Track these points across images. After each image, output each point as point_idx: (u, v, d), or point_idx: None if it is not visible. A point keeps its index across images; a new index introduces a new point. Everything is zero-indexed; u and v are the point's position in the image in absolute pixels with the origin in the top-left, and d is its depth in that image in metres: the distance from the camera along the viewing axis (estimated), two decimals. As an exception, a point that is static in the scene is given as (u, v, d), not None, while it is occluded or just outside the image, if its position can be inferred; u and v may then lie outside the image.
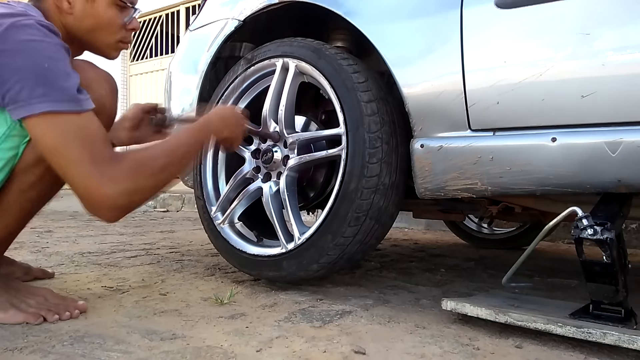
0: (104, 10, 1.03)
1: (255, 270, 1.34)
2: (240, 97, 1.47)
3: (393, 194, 1.20)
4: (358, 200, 1.15)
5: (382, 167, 1.15)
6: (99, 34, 1.05)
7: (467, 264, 1.93)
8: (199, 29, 1.66)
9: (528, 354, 0.86)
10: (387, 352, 0.85)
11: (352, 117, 1.17)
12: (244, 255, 1.35)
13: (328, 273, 1.30)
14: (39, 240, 2.26)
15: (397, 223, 3.42)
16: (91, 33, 1.04)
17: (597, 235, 0.90)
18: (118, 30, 1.07)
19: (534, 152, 0.97)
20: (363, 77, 1.21)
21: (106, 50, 1.09)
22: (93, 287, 1.30)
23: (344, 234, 1.17)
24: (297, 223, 1.26)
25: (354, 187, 1.15)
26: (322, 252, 1.20)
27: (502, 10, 1.01)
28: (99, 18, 1.03)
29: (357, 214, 1.16)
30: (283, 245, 1.27)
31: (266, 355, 0.83)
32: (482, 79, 1.03)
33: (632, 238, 2.58)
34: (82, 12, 1.01)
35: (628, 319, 0.90)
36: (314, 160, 1.30)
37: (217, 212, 1.44)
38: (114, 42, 1.08)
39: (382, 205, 1.18)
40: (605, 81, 0.90)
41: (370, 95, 1.18)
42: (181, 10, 6.41)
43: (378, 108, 1.17)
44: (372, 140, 1.15)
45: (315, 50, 1.27)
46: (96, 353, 0.82)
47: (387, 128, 1.17)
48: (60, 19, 1.01)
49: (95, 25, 1.03)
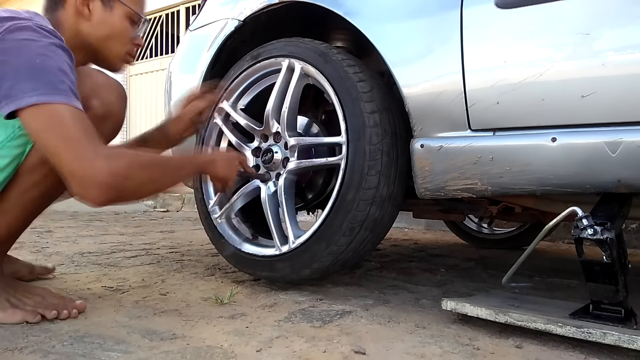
0: (120, 20, 1.08)
1: (250, 269, 1.35)
2: (243, 92, 1.47)
3: (389, 206, 1.20)
4: (354, 211, 1.15)
5: (380, 180, 1.15)
6: (111, 43, 1.09)
7: (467, 264, 1.93)
8: (199, 29, 1.66)
9: (528, 354, 0.86)
10: (387, 352, 0.85)
11: (354, 128, 1.16)
12: (240, 253, 1.36)
13: (320, 278, 1.30)
14: (39, 240, 2.27)
15: (397, 223, 3.42)
16: (104, 41, 1.08)
17: (597, 235, 0.90)
18: (128, 41, 1.11)
19: (534, 152, 0.97)
20: (368, 86, 1.19)
21: (114, 61, 1.12)
22: (93, 287, 1.30)
23: (338, 242, 1.17)
24: (292, 226, 1.26)
25: (351, 198, 1.14)
26: (315, 258, 1.20)
27: (502, 10, 1.01)
28: (114, 27, 1.08)
29: (352, 224, 1.15)
30: (277, 247, 1.27)
31: (266, 355, 0.83)
32: (482, 79, 1.03)
33: (632, 238, 2.59)
34: (99, 20, 1.06)
35: (628, 319, 0.90)
36: (313, 166, 1.30)
37: (215, 205, 1.44)
38: (123, 54, 1.12)
39: (377, 217, 1.18)
40: (605, 81, 0.90)
41: (374, 106, 1.17)
42: (181, 10, 6.41)
43: (381, 119, 1.17)
44: (372, 152, 1.14)
45: (322, 54, 1.26)
46: (96, 353, 0.82)
47: (388, 140, 1.17)
48: (76, 25, 1.05)
49: (109, 33, 1.08)
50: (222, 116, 1.47)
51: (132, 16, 1.09)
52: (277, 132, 1.35)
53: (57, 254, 1.86)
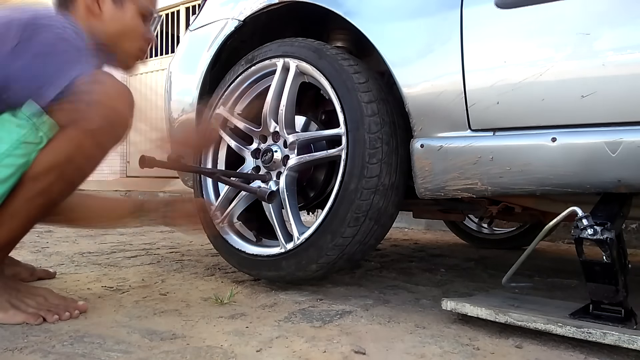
0: (131, 17, 1.07)
1: (255, 270, 1.34)
2: (240, 96, 1.47)
3: (393, 195, 1.20)
4: (357, 200, 1.15)
5: (382, 168, 1.15)
6: (123, 41, 1.08)
7: (467, 264, 1.92)
8: (199, 29, 1.66)
9: (528, 354, 0.86)
10: (387, 352, 0.85)
11: (353, 118, 1.17)
12: (242, 254, 1.35)
13: (327, 273, 1.30)
14: (39, 240, 2.27)
15: (397, 223, 3.42)
16: (115, 39, 1.07)
17: (597, 235, 0.90)
18: (140, 38, 1.10)
19: (534, 152, 0.97)
20: (364, 77, 1.20)
21: (126, 59, 1.12)
22: (93, 287, 1.30)
23: (343, 234, 1.17)
24: (296, 223, 1.26)
25: (354, 187, 1.15)
26: (321, 253, 1.20)
27: (502, 10, 1.01)
28: (126, 24, 1.07)
29: (356, 214, 1.15)
30: (282, 245, 1.27)
31: (266, 355, 0.83)
32: (482, 79, 1.03)
33: (632, 238, 2.58)
34: (110, 17, 1.05)
35: (628, 319, 0.90)
36: (314, 160, 1.30)
37: (216, 211, 1.44)
38: (135, 51, 1.11)
39: (381, 206, 1.18)
40: (605, 81, 0.90)
41: (371, 95, 1.18)
42: (181, 10, 6.41)
43: (378, 109, 1.17)
44: (372, 140, 1.15)
45: (316, 50, 1.27)
46: (96, 353, 0.82)
47: (387, 129, 1.17)
48: (87, 23, 1.04)
49: (121, 31, 1.07)
50: (220, 122, 1.47)
51: (143, 12, 1.09)
52: (275, 132, 1.35)
53: (57, 254, 1.86)
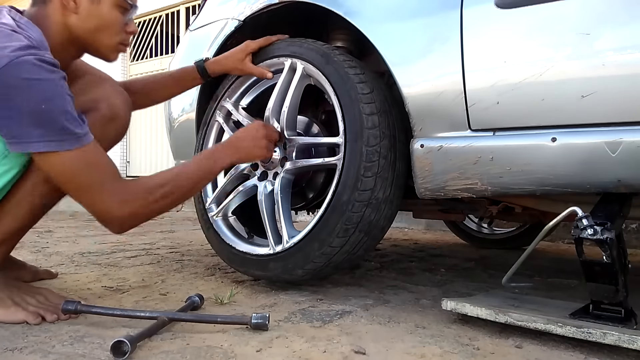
0: (108, 11, 1.04)
1: (243, 267, 1.35)
2: (246, 91, 1.46)
3: (386, 208, 1.20)
4: (349, 212, 1.14)
5: (376, 182, 1.15)
6: (102, 35, 1.05)
7: (467, 264, 1.92)
8: (199, 29, 1.66)
9: (528, 354, 0.86)
10: (387, 352, 0.85)
11: (352, 129, 1.16)
12: (233, 250, 1.36)
13: (313, 279, 1.31)
14: (39, 240, 2.27)
15: (397, 223, 3.43)
16: (94, 33, 1.05)
17: (597, 235, 0.90)
18: (119, 31, 1.08)
19: (534, 152, 0.97)
20: (368, 88, 1.19)
21: (106, 52, 1.09)
22: (93, 287, 1.30)
23: (332, 243, 1.17)
24: (287, 226, 1.26)
25: (346, 199, 1.14)
26: (308, 259, 1.20)
27: (502, 10, 1.01)
28: (103, 19, 1.04)
29: (346, 225, 1.15)
30: (271, 246, 1.27)
31: (266, 355, 0.83)
32: (482, 79, 1.03)
33: (632, 238, 2.58)
34: (87, 12, 1.02)
35: (628, 319, 0.90)
36: (310, 166, 1.30)
37: (212, 203, 1.44)
38: (115, 44, 1.08)
39: (372, 219, 1.18)
40: (605, 81, 0.90)
41: (373, 107, 1.17)
42: (181, 10, 6.40)
43: (379, 121, 1.16)
44: (369, 153, 1.14)
45: (324, 54, 1.26)
46: (96, 353, 0.82)
47: (386, 142, 1.16)
48: (64, 19, 1.02)
49: (98, 25, 1.04)
50: (224, 114, 1.47)
51: (121, 4, 1.05)
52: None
53: (57, 254, 1.86)
